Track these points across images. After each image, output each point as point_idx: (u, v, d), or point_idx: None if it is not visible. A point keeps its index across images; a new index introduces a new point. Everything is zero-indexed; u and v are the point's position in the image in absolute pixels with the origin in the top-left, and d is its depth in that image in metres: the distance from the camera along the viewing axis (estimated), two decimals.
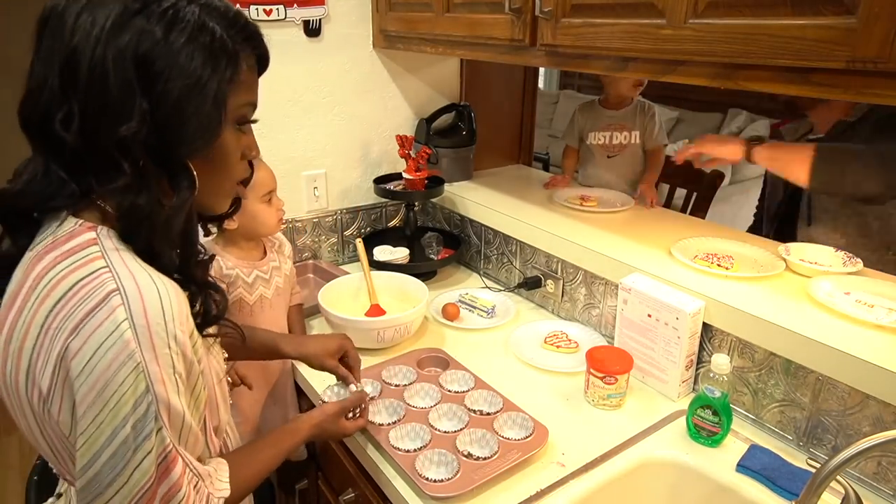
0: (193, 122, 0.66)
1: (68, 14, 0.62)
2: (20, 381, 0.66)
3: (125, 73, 0.62)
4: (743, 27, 0.87)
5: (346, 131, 1.80)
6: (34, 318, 0.64)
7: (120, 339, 0.61)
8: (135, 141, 0.63)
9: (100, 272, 0.64)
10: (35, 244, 0.69)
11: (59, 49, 0.61)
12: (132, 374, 0.62)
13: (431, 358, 1.32)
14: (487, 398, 1.17)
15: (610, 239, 1.45)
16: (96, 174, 0.65)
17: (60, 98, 0.62)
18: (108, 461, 0.63)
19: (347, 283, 1.52)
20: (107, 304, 0.62)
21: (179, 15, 0.64)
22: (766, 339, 1.10)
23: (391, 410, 1.15)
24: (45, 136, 0.64)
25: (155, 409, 0.63)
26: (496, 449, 1.03)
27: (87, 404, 0.62)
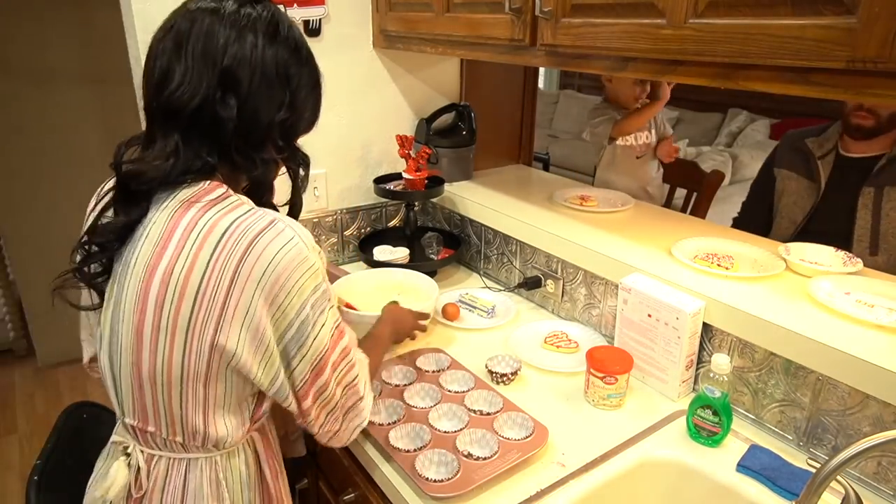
0: (313, 112, 0.94)
1: (216, 31, 0.81)
2: (182, 309, 0.79)
3: (278, 75, 0.85)
4: (743, 27, 0.87)
5: (346, 131, 1.80)
6: (197, 256, 0.79)
7: (295, 246, 0.80)
8: (279, 123, 0.86)
9: (253, 210, 0.82)
10: (163, 205, 0.83)
11: (215, 56, 0.80)
12: (310, 270, 0.81)
13: (431, 358, 1.32)
14: (487, 398, 1.17)
15: (610, 239, 1.45)
16: (238, 148, 0.84)
17: (217, 90, 0.80)
18: (301, 325, 0.81)
19: (354, 280, 1.52)
20: (273, 226, 0.80)
21: (298, 42, 0.90)
22: (766, 338, 1.10)
23: (391, 410, 1.15)
24: (195, 118, 0.81)
25: (329, 293, 0.84)
26: (496, 449, 1.03)
27: (275, 293, 0.79)
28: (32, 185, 2.92)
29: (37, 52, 2.76)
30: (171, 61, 0.81)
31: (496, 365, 1.27)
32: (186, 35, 0.81)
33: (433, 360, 1.31)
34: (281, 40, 0.86)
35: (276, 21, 0.86)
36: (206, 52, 0.81)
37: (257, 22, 0.84)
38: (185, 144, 0.83)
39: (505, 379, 1.26)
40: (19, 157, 2.84)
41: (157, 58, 0.83)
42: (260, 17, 0.85)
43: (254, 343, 0.81)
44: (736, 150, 4.42)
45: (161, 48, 0.83)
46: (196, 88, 0.80)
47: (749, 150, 4.33)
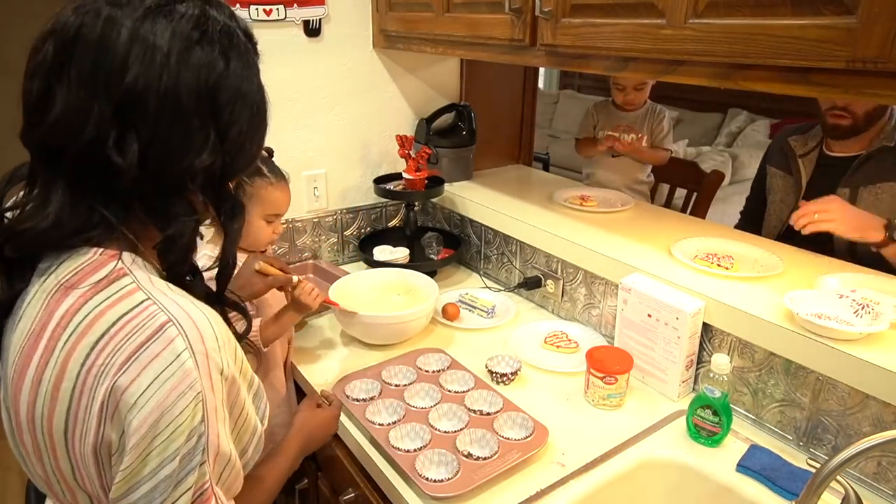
0: (251, 148, 0.70)
1: (111, 40, 0.59)
2: (55, 423, 0.63)
3: (199, 104, 0.62)
4: (743, 27, 0.87)
5: (347, 131, 1.80)
6: (70, 357, 0.61)
7: (181, 369, 0.59)
8: (203, 170, 0.64)
9: (144, 305, 0.61)
10: (42, 278, 0.65)
11: (108, 76, 0.59)
12: (191, 404, 0.60)
13: (431, 358, 1.32)
14: (487, 398, 1.17)
15: (610, 239, 1.45)
16: (143, 200, 0.64)
17: (111, 125, 0.59)
18: (147, 494, 0.60)
19: (354, 281, 1.52)
20: (162, 334, 0.60)
21: (233, 40, 0.65)
22: (766, 339, 1.10)
23: (391, 410, 1.15)
24: (82, 163, 0.61)
25: (205, 441, 0.61)
26: (496, 449, 1.03)
27: (139, 437, 0.59)
28: None
29: None
30: (50, 79, 0.60)
31: (496, 365, 1.27)
32: (72, 41, 0.60)
33: (433, 360, 1.31)
34: (210, 48, 0.63)
35: (205, 21, 0.63)
36: (99, 66, 0.59)
37: (178, 21, 0.61)
38: (74, 195, 0.62)
39: (505, 379, 1.26)
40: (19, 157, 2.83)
41: (35, 75, 0.62)
42: (182, 15, 0.61)
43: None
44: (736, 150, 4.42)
45: (39, 61, 0.61)
46: (83, 121, 0.59)
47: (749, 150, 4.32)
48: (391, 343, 1.40)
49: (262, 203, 1.21)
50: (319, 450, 1.37)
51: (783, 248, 1.41)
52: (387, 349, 1.39)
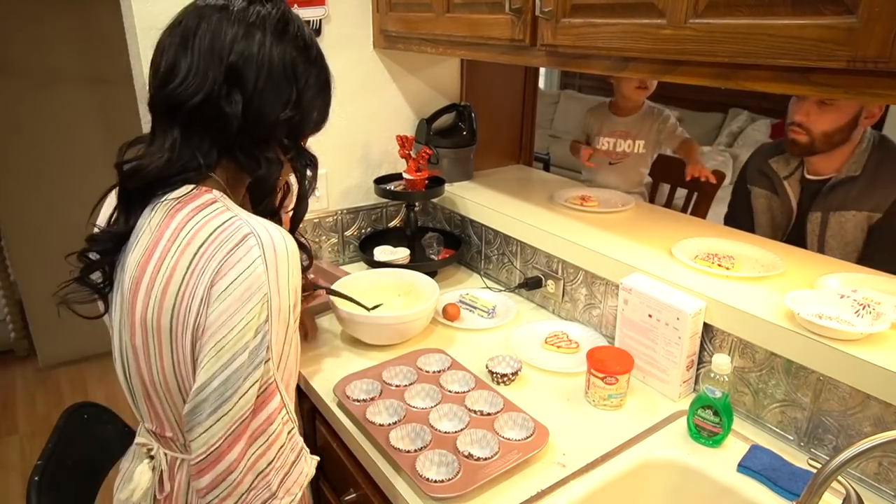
0: (321, 111, 0.93)
1: (224, 27, 0.80)
2: (163, 321, 0.77)
3: (284, 73, 0.84)
4: (743, 27, 0.87)
5: (347, 132, 1.80)
6: (178, 262, 0.76)
7: (255, 272, 0.73)
8: (285, 121, 0.84)
9: (233, 220, 0.78)
10: (152, 212, 0.82)
11: (222, 52, 0.79)
12: (260, 303, 0.73)
13: (432, 358, 1.32)
14: (488, 398, 1.17)
15: (610, 239, 1.45)
16: (242, 146, 0.83)
17: (222, 86, 0.79)
18: (220, 386, 0.72)
19: (354, 281, 1.53)
20: (245, 243, 0.75)
21: (305, 32, 0.88)
22: (767, 339, 1.09)
23: (391, 411, 1.15)
24: (198, 113, 0.79)
25: (268, 339, 0.74)
26: (497, 449, 1.03)
27: (216, 327, 0.72)
28: (33, 185, 2.92)
29: (37, 53, 2.76)
30: (177, 56, 0.81)
31: (497, 365, 1.27)
32: (194, 31, 0.81)
33: (434, 361, 1.31)
34: (290, 39, 0.85)
35: (286, 19, 0.85)
36: (213, 47, 0.80)
37: (266, 19, 0.83)
38: (184, 141, 0.81)
39: (505, 379, 1.26)
40: (20, 157, 2.84)
41: (164, 52, 0.82)
42: (269, 14, 0.84)
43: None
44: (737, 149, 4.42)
45: (168, 43, 0.82)
46: (201, 83, 0.79)
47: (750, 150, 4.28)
48: (392, 343, 1.40)
49: None
50: (321, 449, 1.37)
51: (784, 248, 1.41)
52: (387, 349, 1.39)
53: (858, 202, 1.50)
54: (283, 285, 0.75)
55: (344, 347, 1.42)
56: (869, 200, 1.50)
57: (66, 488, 1.03)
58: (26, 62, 2.76)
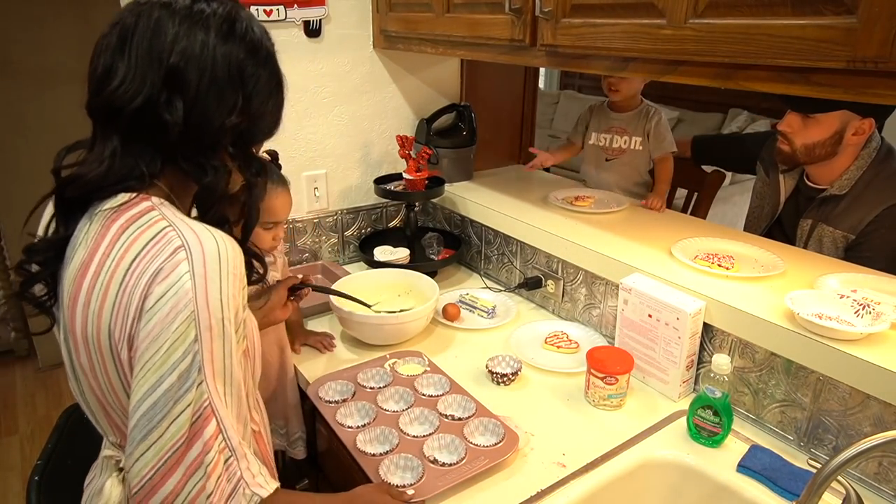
0: (271, 118, 0.86)
1: (162, 28, 0.75)
2: (102, 338, 0.73)
3: (230, 77, 0.78)
4: (743, 27, 0.87)
5: (347, 132, 1.80)
6: (112, 277, 0.73)
7: (181, 289, 0.69)
8: (231, 128, 0.79)
9: (165, 231, 0.73)
10: (89, 220, 0.78)
11: (160, 54, 0.74)
12: (185, 322, 0.69)
13: (410, 361, 1.31)
14: (461, 403, 1.16)
15: (610, 239, 1.45)
16: (185, 154, 0.78)
17: (161, 91, 0.74)
18: (149, 411, 0.68)
19: (354, 281, 1.53)
20: (174, 257, 0.70)
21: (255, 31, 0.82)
22: (767, 339, 1.09)
23: (363, 413, 1.15)
24: (137, 120, 0.74)
25: (200, 360, 0.69)
26: (463, 455, 1.03)
27: (144, 346, 0.69)
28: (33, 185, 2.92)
29: (38, 54, 2.76)
30: (114, 58, 0.75)
31: (496, 365, 1.27)
32: (132, 30, 0.75)
33: (411, 364, 1.30)
34: (236, 39, 0.79)
35: (233, 18, 0.79)
36: (152, 49, 0.74)
37: (211, 18, 0.77)
38: (124, 148, 0.77)
39: (505, 379, 1.26)
40: (20, 157, 2.84)
41: (101, 54, 0.77)
42: (215, 13, 0.78)
43: None
44: None
45: (105, 44, 0.77)
46: (139, 87, 0.74)
47: None
48: (392, 343, 1.40)
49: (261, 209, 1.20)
50: (321, 450, 1.37)
51: (784, 248, 1.41)
52: (387, 349, 1.39)
53: (838, 220, 1.49)
54: (213, 298, 0.70)
55: (344, 347, 1.42)
56: (847, 219, 1.48)
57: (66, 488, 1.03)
58: (27, 62, 2.76)
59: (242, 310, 0.76)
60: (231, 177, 0.83)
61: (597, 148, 2.04)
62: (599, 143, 2.03)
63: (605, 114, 2.05)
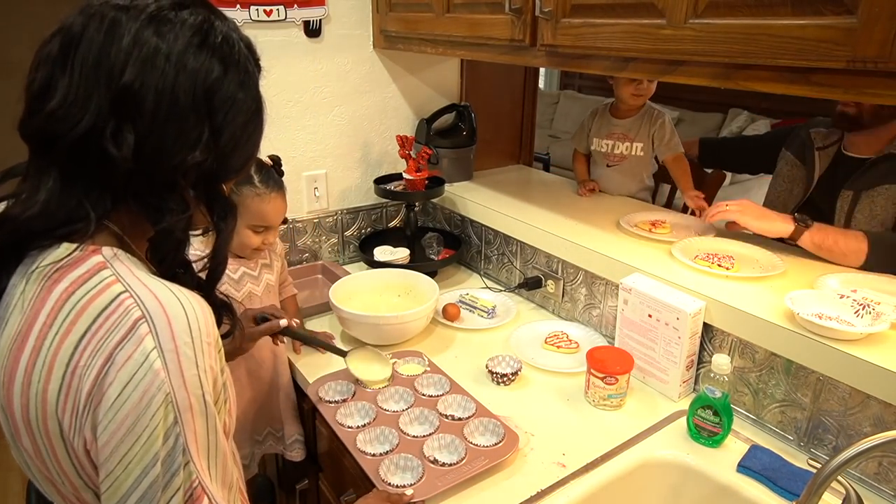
0: (244, 153, 0.71)
1: (114, 40, 0.61)
2: (50, 426, 0.62)
3: (195, 104, 0.64)
4: (743, 27, 0.87)
5: (347, 132, 1.80)
6: (57, 355, 0.61)
7: (150, 370, 0.59)
8: (195, 167, 0.65)
9: (121, 298, 0.61)
10: (25, 277, 0.65)
11: (109, 72, 0.61)
12: (162, 406, 0.59)
13: (411, 361, 1.31)
14: (462, 403, 1.16)
15: (610, 239, 1.45)
16: (136, 194, 0.65)
17: (108, 117, 0.61)
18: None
19: (354, 281, 1.53)
20: (134, 333, 0.59)
21: (233, 49, 0.67)
22: (767, 339, 1.09)
23: (363, 413, 1.15)
24: (77, 152, 0.62)
25: (183, 441, 0.61)
26: (463, 455, 1.02)
27: (115, 444, 0.59)
28: None
29: None
30: (53, 72, 0.62)
31: (497, 365, 1.27)
32: (77, 36, 0.62)
33: (412, 364, 1.30)
34: (209, 53, 0.65)
35: (206, 29, 0.65)
36: (100, 64, 0.61)
37: (179, 27, 0.63)
38: (65, 186, 0.63)
39: (505, 379, 1.26)
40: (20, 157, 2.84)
41: (39, 67, 0.64)
42: (184, 22, 0.64)
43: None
44: None
45: (45, 54, 0.63)
46: (80, 112, 0.60)
47: None
48: (392, 343, 1.40)
49: (247, 213, 1.19)
50: (320, 451, 1.37)
51: (784, 248, 1.41)
52: (387, 350, 1.39)
53: (890, 177, 1.49)
54: (190, 374, 0.61)
55: (344, 347, 1.42)
56: None
57: None
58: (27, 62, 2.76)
59: (221, 374, 0.67)
60: (192, 219, 0.69)
61: (599, 153, 2.04)
62: (601, 149, 2.02)
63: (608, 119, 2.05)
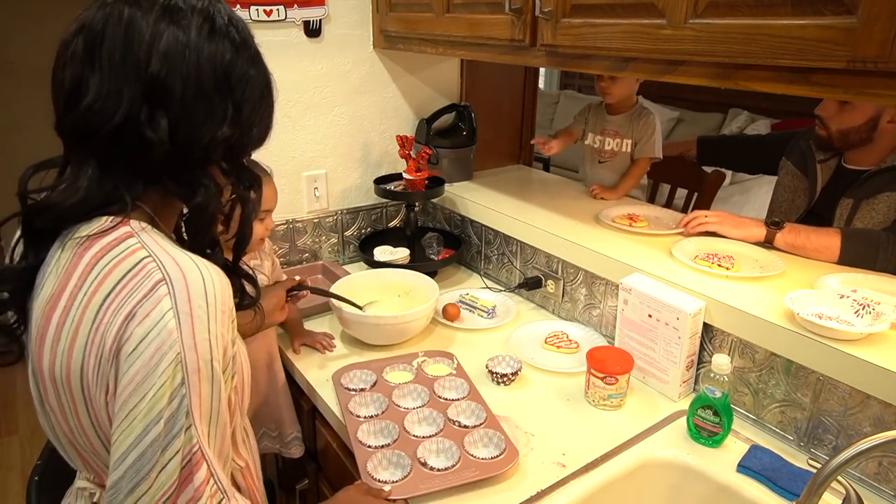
0: (262, 124, 0.77)
1: (135, 34, 0.66)
2: (73, 378, 0.67)
3: (217, 84, 0.69)
4: (743, 27, 0.87)
5: (347, 132, 1.80)
6: (84, 313, 0.66)
7: (164, 329, 0.63)
8: (224, 142, 0.71)
9: (144, 262, 0.66)
10: (60, 247, 0.71)
11: (136, 64, 0.65)
12: (171, 365, 0.63)
13: (440, 361, 1.31)
14: (474, 410, 1.14)
15: (610, 239, 1.45)
16: (172, 174, 0.70)
17: (141, 106, 0.66)
18: (135, 462, 0.63)
19: (354, 281, 1.53)
20: (154, 293, 0.64)
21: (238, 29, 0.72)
22: (767, 339, 1.09)
23: (376, 404, 1.17)
24: (115, 142, 0.67)
25: (187, 403, 0.64)
26: (455, 462, 1.01)
27: (126, 397, 0.63)
28: None
29: (38, 54, 2.76)
30: (82, 70, 0.66)
31: (497, 365, 1.27)
32: (100, 35, 0.66)
33: (440, 364, 1.30)
34: (220, 37, 0.70)
35: (213, 13, 0.70)
36: (127, 56, 0.65)
37: (189, 14, 0.68)
38: (103, 173, 0.69)
39: (505, 379, 1.26)
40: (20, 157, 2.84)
41: (66, 65, 0.67)
42: (193, 8, 0.68)
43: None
44: None
45: (70, 53, 0.67)
46: (115, 104, 0.65)
47: None
48: (391, 343, 1.40)
49: None
50: (320, 450, 1.37)
51: None
52: (387, 349, 1.39)
53: (891, 185, 1.50)
54: (201, 338, 0.65)
55: (344, 347, 1.42)
56: None
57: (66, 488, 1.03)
58: (27, 62, 2.76)
59: (232, 346, 0.70)
60: (222, 193, 0.75)
61: (591, 148, 2.04)
62: (594, 144, 2.03)
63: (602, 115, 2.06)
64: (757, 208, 3.60)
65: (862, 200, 1.53)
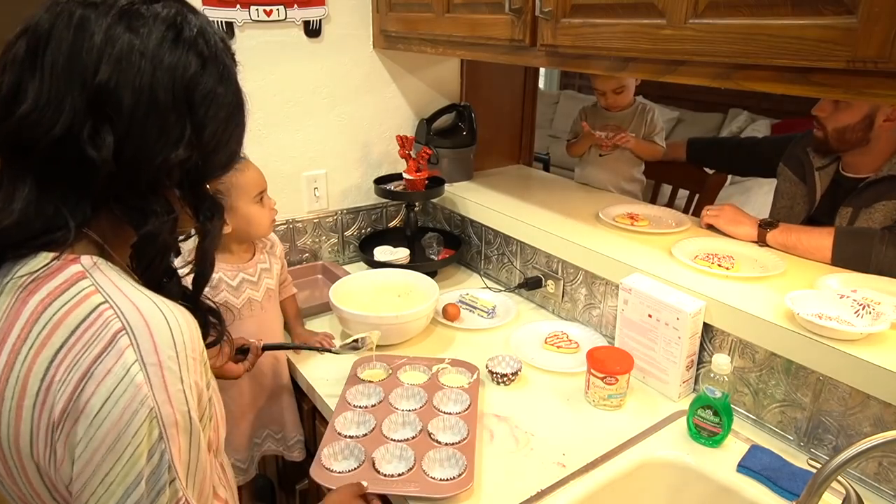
0: (228, 149, 0.69)
1: (85, 38, 0.58)
2: (22, 445, 0.60)
3: (175, 100, 0.61)
4: (743, 27, 0.87)
5: (347, 132, 1.80)
6: (31, 370, 0.58)
7: (132, 384, 0.57)
8: (179, 165, 0.63)
9: (100, 310, 0.59)
10: (3, 287, 0.62)
11: (82, 71, 0.58)
12: (146, 422, 0.57)
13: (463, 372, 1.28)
14: (460, 429, 1.09)
15: (610, 239, 1.45)
16: (118, 197, 0.62)
17: (84, 119, 0.58)
18: None
19: (354, 281, 1.53)
20: (114, 346, 0.57)
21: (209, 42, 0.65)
22: (767, 339, 1.09)
23: (372, 397, 1.19)
24: (54, 157, 0.59)
25: (168, 457, 0.59)
26: (402, 472, 0.99)
27: (97, 462, 0.57)
28: None
29: None
30: (21, 74, 0.59)
31: (497, 365, 1.27)
32: (45, 36, 0.59)
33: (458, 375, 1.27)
34: (185, 48, 0.62)
35: (181, 22, 0.63)
36: (72, 61, 0.58)
37: (151, 22, 0.61)
38: (41, 192, 0.60)
39: (505, 379, 1.26)
40: None
41: (5, 70, 0.60)
42: (156, 16, 0.61)
43: None
44: None
45: (11, 56, 0.60)
46: (55, 114, 0.57)
47: None
48: (391, 343, 1.40)
49: (244, 189, 1.20)
50: None
51: None
52: (387, 350, 1.39)
53: (889, 193, 1.49)
54: (174, 389, 0.59)
55: None
56: None
57: None
58: None
59: (207, 388, 0.64)
60: (177, 222, 0.67)
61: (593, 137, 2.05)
62: None
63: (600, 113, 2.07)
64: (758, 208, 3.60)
65: (861, 209, 1.53)
